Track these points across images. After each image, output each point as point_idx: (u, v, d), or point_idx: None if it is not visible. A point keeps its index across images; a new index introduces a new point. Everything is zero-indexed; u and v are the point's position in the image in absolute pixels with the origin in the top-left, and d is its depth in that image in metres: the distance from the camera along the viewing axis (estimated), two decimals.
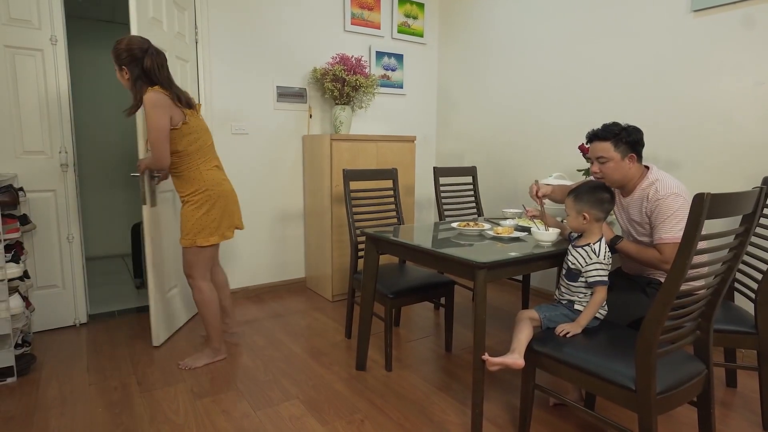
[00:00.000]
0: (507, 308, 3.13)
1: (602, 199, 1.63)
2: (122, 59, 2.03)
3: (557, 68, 3.12)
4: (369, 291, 2.14)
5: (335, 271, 3.17)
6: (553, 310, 1.68)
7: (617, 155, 1.74)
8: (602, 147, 1.75)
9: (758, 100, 2.23)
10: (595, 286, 1.59)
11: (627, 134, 1.72)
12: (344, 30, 3.53)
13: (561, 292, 1.72)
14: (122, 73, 2.07)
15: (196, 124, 2.16)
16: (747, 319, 1.76)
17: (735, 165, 2.33)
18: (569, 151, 3.07)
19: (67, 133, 2.60)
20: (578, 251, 1.65)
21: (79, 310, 2.73)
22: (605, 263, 1.59)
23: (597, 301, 1.59)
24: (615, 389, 1.37)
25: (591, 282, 1.59)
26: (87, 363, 2.29)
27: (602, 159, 1.76)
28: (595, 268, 1.59)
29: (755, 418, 1.84)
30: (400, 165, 3.40)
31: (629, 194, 1.81)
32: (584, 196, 1.64)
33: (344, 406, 1.92)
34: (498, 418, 1.84)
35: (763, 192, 1.39)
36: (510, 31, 3.42)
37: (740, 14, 2.26)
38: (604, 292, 1.59)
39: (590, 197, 1.63)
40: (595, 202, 1.62)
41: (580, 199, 1.65)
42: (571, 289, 1.67)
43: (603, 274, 1.59)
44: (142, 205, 2.34)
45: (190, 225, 2.15)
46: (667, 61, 2.55)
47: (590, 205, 1.63)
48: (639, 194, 1.76)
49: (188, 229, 2.15)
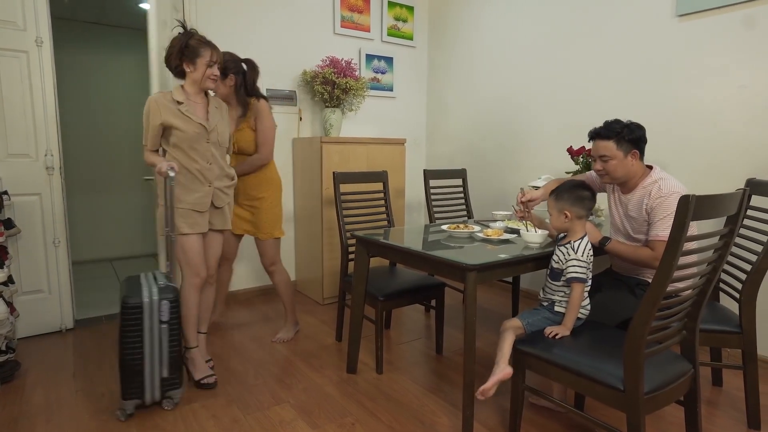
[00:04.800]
0: (497, 310, 3.14)
1: (582, 196, 1.64)
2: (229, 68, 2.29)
3: (546, 72, 3.15)
4: (360, 294, 2.14)
5: (326, 273, 3.16)
6: (535, 315, 1.70)
7: (620, 153, 1.74)
8: (605, 145, 1.76)
9: (741, 103, 2.28)
10: (572, 282, 1.59)
11: (629, 132, 1.73)
12: (334, 33, 3.53)
13: (545, 292, 1.73)
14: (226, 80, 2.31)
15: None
16: (732, 319, 1.79)
17: (719, 167, 2.37)
18: (558, 153, 3.10)
19: (52, 136, 2.56)
20: (560, 249, 1.67)
21: (65, 315, 2.69)
22: (584, 261, 1.60)
23: (575, 298, 1.59)
24: (603, 389, 1.39)
25: (568, 278, 1.60)
26: (73, 369, 2.25)
27: (605, 157, 1.76)
28: (573, 264, 1.60)
29: (740, 416, 1.87)
30: (390, 167, 3.41)
31: (631, 191, 1.81)
32: (564, 194, 1.66)
33: (335, 409, 1.91)
34: (489, 419, 1.85)
35: (746, 193, 1.41)
36: (499, 34, 3.44)
37: (724, 19, 2.30)
38: (580, 290, 1.59)
39: (570, 195, 1.65)
40: (575, 199, 1.64)
41: (561, 197, 1.67)
42: (552, 289, 1.69)
43: (580, 272, 1.59)
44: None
45: (271, 220, 2.47)
46: (653, 65, 2.59)
47: (570, 203, 1.64)
48: (641, 191, 1.77)
49: (269, 224, 2.46)
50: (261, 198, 2.44)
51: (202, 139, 2.02)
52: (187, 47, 1.97)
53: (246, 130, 2.38)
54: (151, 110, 1.96)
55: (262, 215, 2.44)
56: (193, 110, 2.00)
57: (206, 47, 1.99)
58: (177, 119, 1.96)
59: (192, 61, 1.98)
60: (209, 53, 1.99)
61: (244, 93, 2.36)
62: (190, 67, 1.99)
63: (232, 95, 2.36)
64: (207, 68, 2.00)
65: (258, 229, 2.47)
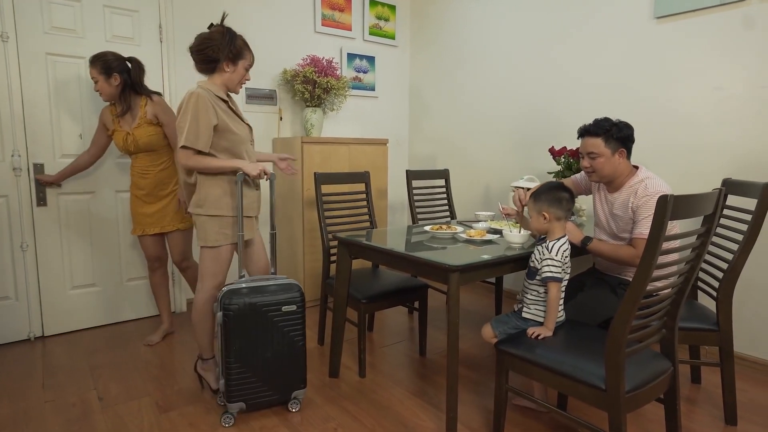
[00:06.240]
0: (481, 311, 3.14)
1: (560, 197, 1.65)
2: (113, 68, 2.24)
3: (527, 72, 3.17)
4: (342, 296, 2.11)
5: (307, 276, 3.12)
6: (505, 324, 1.71)
7: (608, 151, 1.76)
8: (593, 143, 1.78)
9: (717, 104, 2.32)
10: (547, 282, 1.60)
11: (618, 130, 1.75)
12: (315, 31, 3.48)
13: (522, 292, 1.74)
14: (110, 79, 2.24)
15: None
16: (710, 317, 1.82)
17: (695, 167, 2.41)
18: (540, 153, 3.12)
19: (19, 136, 2.46)
20: (537, 249, 1.68)
21: (33, 323, 2.58)
22: (558, 260, 1.60)
23: (552, 298, 1.60)
24: (585, 389, 1.39)
25: (543, 278, 1.61)
26: (42, 379, 2.16)
27: (593, 154, 1.79)
28: (547, 264, 1.60)
29: (718, 413, 1.90)
30: (372, 168, 3.38)
31: (617, 190, 1.83)
32: (542, 195, 1.67)
33: (317, 414, 1.88)
34: (472, 421, 1.83)
35: (722, 193, 1.43)
36: (480, 35, 3.45)
37: (700, 21, 2.34)
38: (556, 288, 1.60)
39: (548, 196, 1.66)
40: (553, 200, 1.65)
41: (539, 199, 1.68)
42: (527, 287, 1.70)
43: (555, 271, 1.59)
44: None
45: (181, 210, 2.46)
46: (632, 66, 2.62)
47: (548, 204, 1.65)
48: (627, 190, 1.79)
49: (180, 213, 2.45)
50: (174, 191, 2.42)
51: (247, 140, 1.94)
52: (234, 47, 1.86)
53: (144, 126, 2.31)
54: (206, 106, 1.75)
55: (171, 206, 2.41)
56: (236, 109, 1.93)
57: (249, 51, 1.93)
58: (228, 120, 1.83)
59: (234, 62, 1.87)
60: (250, 57, 1.93)
61: (129, 92, 2.30)
62: (229, 67, 1.87)
63: (116, 95, 2.28)
64: (245, 72, 1.93)
65: (170, 220, 2.41)
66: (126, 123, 2.33)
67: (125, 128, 2.32)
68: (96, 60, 2.24)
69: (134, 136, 2.30)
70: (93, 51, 2.60)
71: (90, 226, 2.70)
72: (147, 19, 2.77)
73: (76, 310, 2.70)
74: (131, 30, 2.73)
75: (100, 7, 2.62)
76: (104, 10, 2.64)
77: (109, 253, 2.77)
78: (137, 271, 2.87)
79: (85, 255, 2.70)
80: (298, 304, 1.83)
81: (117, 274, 2.81)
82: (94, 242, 2.72)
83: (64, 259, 2.64)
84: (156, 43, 2.81)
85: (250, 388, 1.79)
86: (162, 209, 2.41)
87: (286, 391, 1.86)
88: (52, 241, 2.59)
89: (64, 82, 2.58)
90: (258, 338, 1.77)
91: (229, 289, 1.78)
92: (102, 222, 2.74)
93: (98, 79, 2.25)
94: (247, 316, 1.75)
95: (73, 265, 2.67)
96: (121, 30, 2.69)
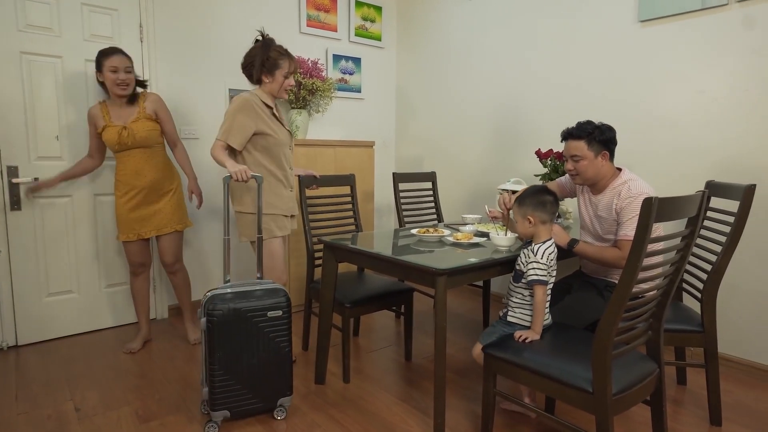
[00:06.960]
0: (468, 315, 3.13)
1: (544, 201, 1.65)
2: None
3: (513, 75, 3.18)
4: (328, 301, 2.07)
5: (291, 280, 3.07)
6: (492, 335, 1.69)
7: (591, 153, 1.78)
8: (576, 145, 1.79)
9: (700, 107, 2.35)
10: (533, 285, 1.60)
11: (600, 133, 1.77)
12: (300, 32, 3.45)
13: (507, 295, 1.74)
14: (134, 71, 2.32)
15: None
16: (694, 318, 1.83)
17: (679, 169, 2.44)
18: (526, 155, 3.13)
19: None
20: (523, 252, 1.68)
21: (6, 331, 2.49)
22: (544, 263, 1.60)
23: (538, 301, 1.59)
24: (573, 392, 1.38)
25: (528, 281, 1.61)
26: (16, 391, 2.08)
27: (576, 157, 1.80)
28: (533, 267, 1.60)
29: (704, 414, 1.91)
30: (358, 171, 3.35)
31: (601, 192, 1.85)
32: (527, 200, 1.67)
33: (303, 422, 1.84)
34: (460, 426, 1.81)
35: (705, 195, 1.44)
36: (467, 37, 3.45)
37: (683, 26, 2.37)
38: (542, 291, 1.59)
39: (532, 200, 1.66)
40: (537, 204, 1.65)
41: (524, 203, 1.67)
42: (512, 290, 1.69)
43: (541, 274, 1.59)
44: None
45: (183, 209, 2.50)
46: (617, 69, 2.64)
47: (533, 208, 1.65)
48: (611, 192, 1.80)
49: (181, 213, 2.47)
50: (171, 190, 2.43)
51: (286, 145, 2.15)
52: (268, 59, 2.04)
53: (143, 120, 2.29)
54: (247, 109, 2.00)
55: (169, 207, 2.40)
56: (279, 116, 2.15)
57: (285, 58, 2.07)
58: (270, 124, 2.06)
59: (271, 73, 2.06)
60: (287, 64, 2.08)
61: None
62: (268, 78, 2.07)
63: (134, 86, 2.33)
64: (284, 79, 2.09)
65: (167, 222, 2.40)
66: (120, 118, 2.28)
67: (119, 123, 2.27)
68: (120, 50, 2.24)
69: (131, 130, 2.25)
70: (70, 50, 2.55)
71: (67, 230, 2.62)
72: (127, 18, 2.71)
73: (52, 317, 2.61)
74: (110, 29, 2.66)
75: (78, 5, 2.55)
76: (82, 8, 2.57)
77: (87, 259, 2.70)
78: (116, 276, 2.79)
79: (61, 261, 2.61)
80: (284, 310, 1.79)
81: (95, 280, 2.73)
82: (71, 247, 2.64)
83: (40, 266, 2.55)
84: (136, 43, 2.75)
85: (235, 395, 1.74)
86: (159, 210, 2.36)
87: (272, 398, 1.82)
88: (27, 247, 2.51)
89: (40, 82, 2.50)
90: (243, 344, 1.73)
91: (213, 294, 1.73)
92: (80, 226, 2.66)
93: (130, 68, 2.26)
94: (232, 322, 1.70)
95: (49, 272, 2.58)
96: (100, 29, 2.63)
